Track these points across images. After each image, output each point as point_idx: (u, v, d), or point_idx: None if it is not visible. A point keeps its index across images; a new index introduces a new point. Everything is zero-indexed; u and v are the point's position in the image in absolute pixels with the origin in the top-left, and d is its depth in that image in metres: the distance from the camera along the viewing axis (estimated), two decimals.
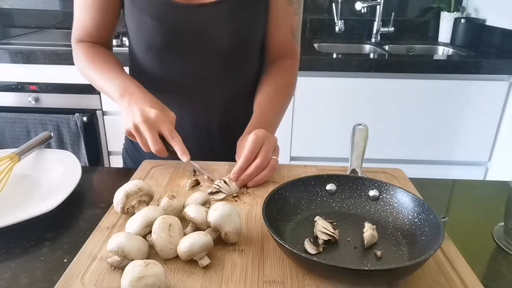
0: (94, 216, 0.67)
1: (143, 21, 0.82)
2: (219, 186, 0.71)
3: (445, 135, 1.88)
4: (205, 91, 0.89)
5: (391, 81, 1.78)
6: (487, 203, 0.76)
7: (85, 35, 0.89)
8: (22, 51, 1.75)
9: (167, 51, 0.85)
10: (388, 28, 2.20)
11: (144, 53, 0.88)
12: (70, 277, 0.51)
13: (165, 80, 0.89)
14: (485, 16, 2.11)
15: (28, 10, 2.29)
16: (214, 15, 0.81)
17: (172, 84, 0.89)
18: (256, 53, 0.92)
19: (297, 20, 0.90)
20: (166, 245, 0.53)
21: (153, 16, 0.81)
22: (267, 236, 0.59)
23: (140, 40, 0.86)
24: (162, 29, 0.82)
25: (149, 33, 0.83)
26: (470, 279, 0.52)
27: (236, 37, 0.83)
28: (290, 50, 0.93)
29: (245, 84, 0.93)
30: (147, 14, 0.81)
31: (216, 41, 0.83)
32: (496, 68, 1.75)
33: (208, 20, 0.81)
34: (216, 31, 0.82)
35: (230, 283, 0.50)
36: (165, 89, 0.89)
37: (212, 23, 0.82)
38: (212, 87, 0.89)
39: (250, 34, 0.86)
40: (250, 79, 0.94)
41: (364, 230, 0.58)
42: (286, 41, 0.91)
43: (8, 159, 0.76)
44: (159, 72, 0.89)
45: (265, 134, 0.75)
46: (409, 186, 0.74)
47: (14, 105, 1.85)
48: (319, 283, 0.51)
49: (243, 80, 0.92)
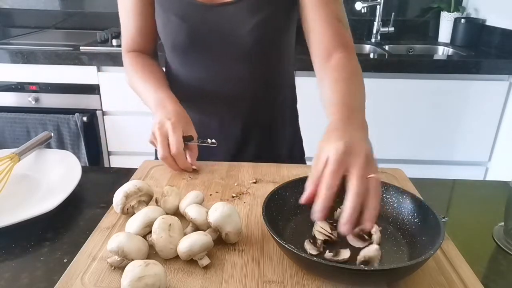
0: (94, 216, 0.67)
1: (168, 21, 0.84)
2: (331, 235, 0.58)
3: (445, 135, 1.88)
4: (231, 90, 0.89)
5: (391, 81, 1.78)
6: (487, 203, 0.76)
7: (131, 42, 0.92)
8: (22, 51, 1.75)
9: (192, 50, 0.85)
10: (388, 28, 2.20)
11: (169, 52, 0.90)
12: (70, 277, 0.51)
13: (190, 78, 0.90)
14: (485, 16, 2.11)
15: (28, 10, 2.29)
16: (235, 13, 0.81)
17: (197, 83, 0.90)
18: (280, 53, 0.91)
19: (339, 7, 0.81)
20: (166, 245, 0.53)
21: (177, 15, 0.82)
22: (267, 236, 0.59)
23: (166, 40, 0.87)
24: (186, 28, 0.83)
25: (173, 32, 0.84)
26: (470, 279, 0.51)
27: (259, 34, 0.83)
28: (342, 41, 0.80)
29: (271, 86, 0.92)
30: (171, 13, 0.83)
31: (238, 40, 0.83)
32: (496, 68, 1.75)
33: (230, 19, 0.82)
34: (238, 29, 0.82)
35: (230, 283, 0.50)
36: (190, 87, 0.90)
37: (233, 22, 0.82)
38: (237, 86, 0.89)
39: (271, 31, 0.85)
40: (276, 82, 0.93)
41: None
42: (336, 31, 0.80)
43: (8, 159, 0.76)
44: (185, 71, 0.90)
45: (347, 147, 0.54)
46: (409, 186, 0.74)
47: (14, 105, 1.85)
48: (319, 283, 0.51)
49: (268, 82, 0.91)
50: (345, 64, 0.77)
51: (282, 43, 0.90)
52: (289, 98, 0.99)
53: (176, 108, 0.79)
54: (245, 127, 0.93)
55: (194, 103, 0.90)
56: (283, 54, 0.91)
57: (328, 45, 0.79)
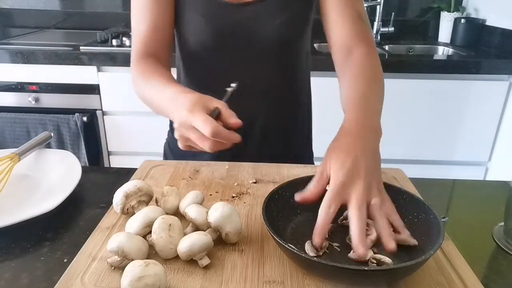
0: (94, 216, 0.67)
1: (191, 19, 0.83)
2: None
3: (445, 135, 1.88)
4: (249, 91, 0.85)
5: (391, 81, 1.78)
6: (487, 203, 0.76)
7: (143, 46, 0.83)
8: (22, 51, 1.75)
9: (214, 50, 0.85)
10: (388, 28, 2.20)
11: (191, 51, 0.87)
12: (70, 277, 0.51)
13: (212, 79, 0.89)
14: (485, 16, 2.11)
15: (28, 10, 2.29)
16: (259, 12, 0.81)
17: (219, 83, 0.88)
18: (301, 54, 0.91)
19: (360, 5, 0.81)
20: (166, 245, 0.53)
21: (201, 14, 0.82)
22: (267, 236, 0.59)
23: (187, 39, 0.85)
24: (209, 27, 0.82)
25: (196, 31, 0.83)
26: (470, 279, 0.51)
27: (281, 34, 0.82)
28: (362, 37, 0.79)
29: (291, 87, 0.92)
30: (195, 12, 0.82)
31: (262, 39, 0.83)
32: (496, 68, 1.75)
33: (254, 18, 0.82)
34: (262, 28, 0.82)
35: (230, 283, 0.50)
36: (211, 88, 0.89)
37: (257, 21, 0.82)
38: (257, 87, 0.88)
39: (294, 31, 0.85)
40: (296, 83, 0.93)
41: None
42: (357, 28, 0.79)
43: (8, 159, 0.76)
44: (206, 71, 0.89)
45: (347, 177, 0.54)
46: (409, 186, 0.74)
47: (14, 105, 1.85)
48: (319, 283, 0.51)
49: (289, 82, 0.91)
50: (366, 61, 0.76)
51: (303, 43, 0.90)
52: (306, 99, 0.99)
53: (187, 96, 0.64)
54: (264, 128, 0.92)
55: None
56: (302, 54, 0.91)
57: (350, 41, 0.79)
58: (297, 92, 0.95)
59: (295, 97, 0.94)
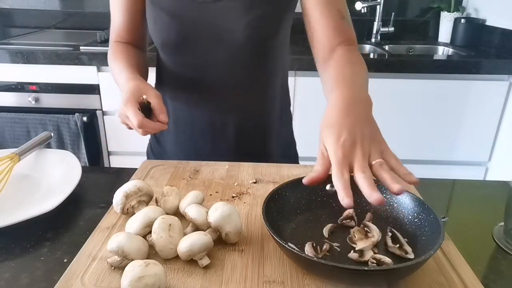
0: (94, 216, 0.67)
1: (159, 17, 0.83)
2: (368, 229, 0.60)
3: (445, 135, 1.88)
4: (221, 89, 0.89)
5: (391, 81, 1.78)
6: (487, 203, 0.76)
7: (117, 35, 0.92)
8: (22, 51, 1.75)
9: (182, 47, 0.85)
10: (388, 28, 2.20)
11: (160, 49, 0.89)
12: (70, 277, 0.51)
13: (182, 76, 0.89)
14: (485, 16, 2.11)
15: (28, 10, 2.30)
16: (228, 10, 0.81)
17: (188, 81, 0.89)
18: (276, 53, 0.90)
19: (342, 3, 0.82)
20: (166, 245, 0.53)
21: (168, 12, 0.82)
22: (267, 236, 0.59)
23: (156, 36, 0.86)
24: (177, 25, 0.82)
25: (164, 29, 0.84)
26: (470, 279, 0.52)
27: (251, 32, 0.82)
28: (346, 37, 0.81)
29: (264, 86, 0.92)
30: (162, 10, 0.82)
31: (231, 37, 0.82)
32: (496, 68, 1.75)
33: (222, 16, 0.81)
34: (231, 25, 0.82)
35: (230, 283, 0.50)
36: (182, 85, 0.90)
37: (226, 19, 0.81)
38: (228, 84, 0.88)
39: (266, 29, 0.84)
40: (270, 81, 0.92)
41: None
42: (339, 28, 0.81)
43: (8, 159, 0.76)
44: (174, 68, 0.89)
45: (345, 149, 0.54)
46: (409, 186, 0.74)
47: (14, 105, 1.85)
48: (319, 283, 0.51)
49: (261, 81, 0.91)
50: (348, 56, 0.77)
51: (277, 41, 0.89)
52: (284, 98, 0.99)
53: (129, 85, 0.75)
54: (238, 125, 0.92)
55: (185, 101, 0.90)
56: (277, 53, 0.91)
57: (333, 41, 0.80)
58: (271, 91, 0.93)
59: (268, 96, 0.93)
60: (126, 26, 0.90)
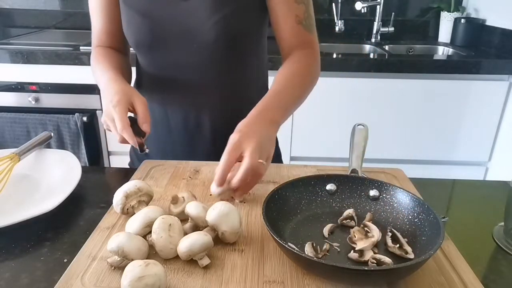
0: (94, 216, 0.67)
1: (131, 18, 0.84)
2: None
3: (445, 135, 1.88)
4: (196, 88, 0.89)
5: (391, 81, 1.78)
6: (487, 203, 0.76)
7: (98, 40, 0.92)
8: (22, 51, 1.75)
9: (155, 47, 0.85)
10: (388, 28, 2.20)
11: (135, 49, 0.90)
12: (70, 277, 0.51)
13: (156, 76, 0.90)
14: (485, 16, 2.11)
15: (28, 10, 2.29)
16: (198, 8, 0.81)
17: (163, 81, 0.90)
18: (250, 52, 0.90)
19: (302, 9, 0.86)
20: (166, 245, 0.53)
21: (140, 12, 0.82)
22: (267, 236, 0.59)
23: (130, 36, 0.87)
24: (149, 24, 0.83)
25: (137, 29, 0.84)
26: (470, 279, 0.52)
27: (221, 30, 0.82)
28: (303, 40, 0.87)
29: (239, 85, 0.92)
30: (134, 10, 0.83)
31: (201, 35, 0.82)
32: (496, 68, 1.75)
33: (192, 14, 0.81)
34: (200, 25, 0.82)
35: (230, 283, 0.50)
36: (156, 85, 0.90)
37: (196, 17, 0.82)
38: (202, 84, 0.88)
39: (236, 27, 0.84)
40: (245, 81, 0.92)
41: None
42: (295, 32, 0.87)
43: (8, 159, 0.76)
44: (149, 69, 0.90)
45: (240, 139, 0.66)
46: (409, 186, 0.74)
47: (14, 105, 1.85)
48: (319, 283, 0.51)
49: (236, 80, 0.91)
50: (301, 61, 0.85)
51: (250, 41, 0.89)
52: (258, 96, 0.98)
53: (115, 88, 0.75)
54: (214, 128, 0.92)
55: (161, 100, 0.90)
56: (251, 53, 0.91)
57: (289, 45, 0.87)
58: (249, 90, 0.93)
59: (246, 96, 0.92)
60: (106, 30, 0.90)
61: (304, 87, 0.84)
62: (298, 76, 0.83)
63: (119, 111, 0.70)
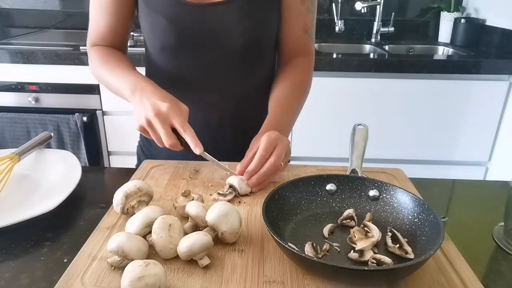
0: (94, 216, 0.67)
1: (156, 22, 0.82)
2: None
3: (445, 135, 1.88)
4: (219, 89, 0.89)
5: (391, 81, 1.78)
6: (487, 203, 0.76)
7: (99, 39, 0.91)
8: (22, 51, 1.75)
9: (181, 51, 0.85)
10: (388, 28, 2.20)
11: (158, 53, 0.88)
12: (70, 277, 0.51)
13: (179, 79, 0.89)
14: (485, 16, 2.11)
15: (28, 10, 2.29)
16: (226, 14, 0.81)
17: (186, 83, 0.89)
18: (269, 51, 0.92)
19: (310, 18, 0.89)
20: (166, 245, 0.53)
21: (166, 16, 0.81)
22: (267, 236, 0.59)
23: (154, 41, 0.86)
24: (175, 29, 0.82)
25: (162, 33, 0.83)
26: (470, 279, 0.52)
27: (249, 35, 0.83)
28: (304, 48, 0.92)
29: (259, 82, 0.93)
30: (160, 14, 0.81)
31: (229, 40, 0.83)
32: (496, 68, 1.75)
33: (220, 19, 0.81)
34: (228, 30, 0.82)
35: (230, 283, 0.50)
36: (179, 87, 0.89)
37: (224, 22, 0.82)
38: (226, 85, 0.89)
39: (262, 32, 0.85)
40: (264, 78, 0.94)
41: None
42: (300, 39, 0.90)
43: (8, 159, 0.76)
44: (174, 72, 0.89)
45: (278, 136, 0.74)
46: (409, 186, 0.74)
47: (14, 105, 1.85)
48: (319, 283, 0.51)
49: (257, 79, 0.92)
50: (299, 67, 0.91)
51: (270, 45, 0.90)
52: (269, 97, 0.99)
53: (158, 89, 0.75)
54: (234, 130, 0.93)
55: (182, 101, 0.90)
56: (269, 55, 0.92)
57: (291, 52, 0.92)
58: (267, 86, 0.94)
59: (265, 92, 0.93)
60: (113, 29, 0.89)
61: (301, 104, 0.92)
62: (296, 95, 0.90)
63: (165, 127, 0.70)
